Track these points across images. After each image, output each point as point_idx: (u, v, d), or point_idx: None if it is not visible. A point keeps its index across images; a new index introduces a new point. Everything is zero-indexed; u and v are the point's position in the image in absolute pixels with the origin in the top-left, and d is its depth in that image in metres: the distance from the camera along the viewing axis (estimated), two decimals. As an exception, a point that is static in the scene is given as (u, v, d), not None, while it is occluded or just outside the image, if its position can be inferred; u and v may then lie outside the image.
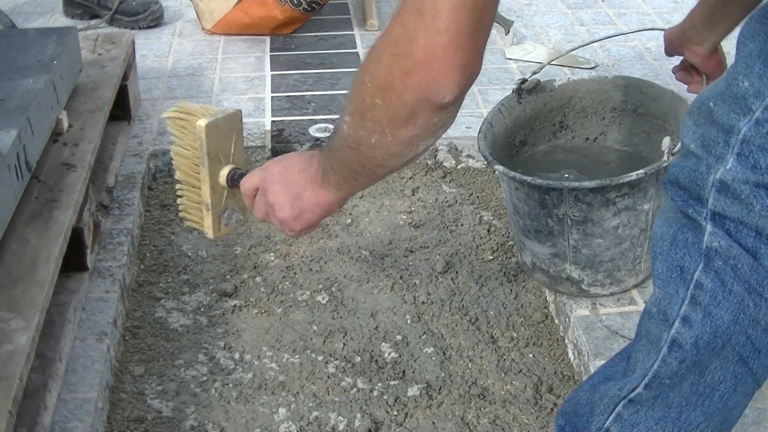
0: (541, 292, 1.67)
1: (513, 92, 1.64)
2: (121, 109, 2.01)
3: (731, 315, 0.85)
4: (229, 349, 1.55)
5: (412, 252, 1.79)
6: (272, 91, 2.27)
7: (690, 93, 1.52)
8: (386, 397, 1.45)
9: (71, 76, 1.81)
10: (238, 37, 2.58)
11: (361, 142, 1.01)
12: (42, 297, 1.30)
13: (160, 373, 1.50)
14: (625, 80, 1.68)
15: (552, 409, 1.43)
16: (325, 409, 1.43)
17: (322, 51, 2.51)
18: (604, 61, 2.39)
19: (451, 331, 1.59)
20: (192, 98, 2.23)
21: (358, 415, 1.42)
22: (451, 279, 1.71)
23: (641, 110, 1.64)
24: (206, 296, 1.67)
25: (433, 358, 1.53)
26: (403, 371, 1.51)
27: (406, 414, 1.42)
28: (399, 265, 1.75)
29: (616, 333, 1.48)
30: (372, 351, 1.54)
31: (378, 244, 1.81)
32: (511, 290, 1.68)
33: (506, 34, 2.50)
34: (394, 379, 1.49)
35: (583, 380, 1.44)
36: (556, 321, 1.60)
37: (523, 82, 1.64)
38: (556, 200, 1.44)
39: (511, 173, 1.45)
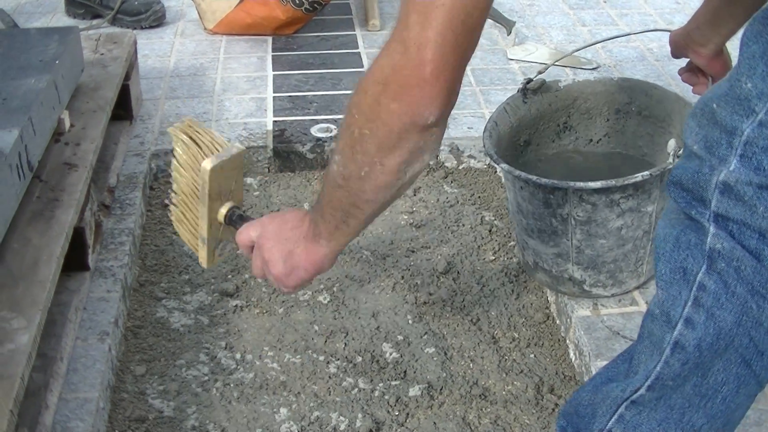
0: (543, 292, 1.67)
1: (518, 92, 1.64)
2: (123, 109, 2.01)
3: (734, 317, 0.85)
4: (230, 349, 1.55)
5: (413, 252, 1.79)
6: (274, 91, 2.27)
7: (695, 94, 1.51)
8: (387, 397, 1.45)
9: (73, 76, 1.81)
10: (240, 37, 2.58)
11: (351, 177, 1.04)
12: (43, 296, 1.30)
13: (162, 372, 1.50)
14: (630, 82, 1.67)
15: (553, 410, 1.43)
16: (327, 409, 1.43)
17: (324, 51, 2.51)
18: (606, 62, 2.39)
19: (453, 331, 1.59)
20: (194, 98, 2.23)
21: (360, 415, 1.42)
22: (453, 279, 1.71)
23: (646, 112, 1.64)
24: (207, 296, 1.67)
25: (435, 359, 1.53)
26: (405, 371, 1.50)
27: (408, 414, 1.42)
28: (400, 265, 1.75)
29: (618, 333, 1.47)
30: (373, 351, 1.54)
31: (379, 244, 1.81)
32: (513, 291, 1.68)
33: (508, 35, 2.50)
34: (396, 379, 1.49)
35: (585, 381, 1.44)
36: (558, 321, 1.60)
37: (529, 81, 1.63)
38: (561, 200, 1.44)
39: (516, 172, 1.45)
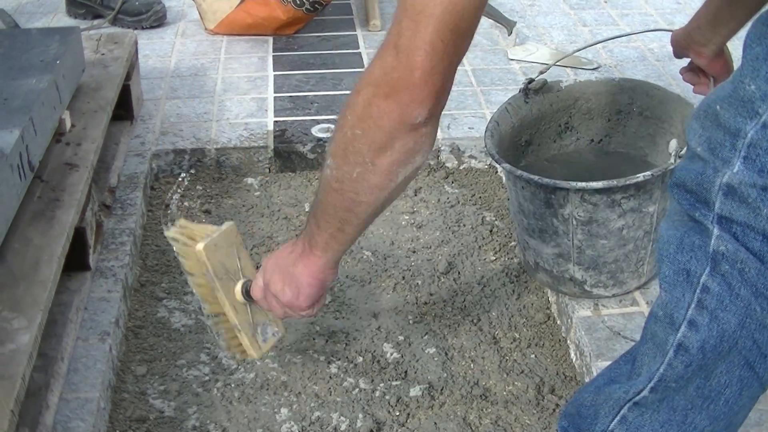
0: (544, 292, 1.67)
1: (520, 92, 1.64)
2: (124, 109, 2.01)
3: (738, 319, 0.85)
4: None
5: (414, 252, 1.79)
6: (275, 92, 2.27)
7: (696, 94, 1.51)
8: (388, 397, 1.45)
9: (74, 76, 1.80)
10: (241, 38, 2.57)
11: (344, 179, 1.08)
12: (44, 296, 1.30)
13: (162, 372, 1.50)
14: (631, 83, 1.67)
15: (554, 410, 1.43)
16: (327, 410, 1.43)
17: (325, 51, 2.51)
18: (607, 62, 2.39)
19: (453, 331, 1.59)
20: (194, 98, 2.23)
21: (360, 416, 1.42)
22: (454, 279, 1.71)
23: (647, 113, 1.64)
24: (208, 296, 1.67)
25: (435, 359, 1.53)
26: (405, 371, 1.50)
27: (408, 414, 1.42)
28: (401, 265, 1.75)
29: (618, 334, 1.47)
30: (374, 351, 1.54)
31: (380, 245, 1.81)
32: (514, 291, 1.68)
33: (509, 35, 2.50)
34: (396, 380, 1.49)
35: (585, 381, 1.44)
36: (558, 322, 1.60)
37: (531, 81, 1.63)
38: (562, 200, 1.44)
39: (518, 172, 1.45)
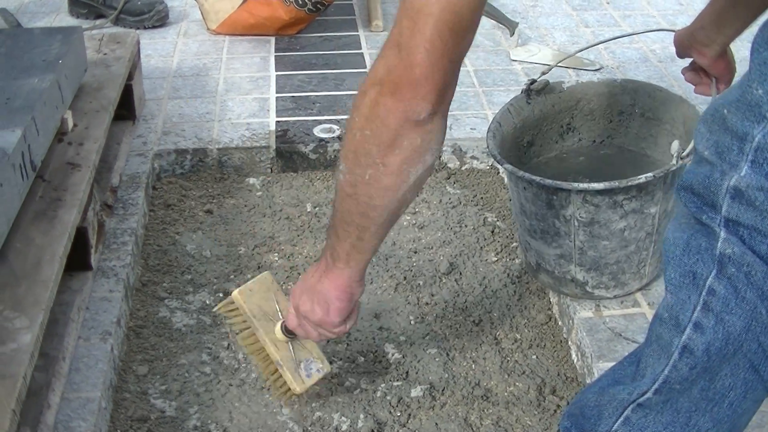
0: (545, 293, 1.67)
1: (522, 92, 1.64)
2: (126, 109, 2.01)
3: (743, 322, 0.85)
4: (232, 349, 1.55)
5: (416, 253, 1.79)
6: (277, 92, 2.27)
7: (697, 94, 1.51)
8: (389, 397, 1.45)
9: (76, 76, 1.80)
10: (243, 38, 2.57)
11: (358, 183, 1.10)
12: (46, 296, 1.30)
13: (164, 372, 1.50)
14: (633, 84, 1.67)
15: (555, 411, 1.43)
16: (329, 410, 1.43)
17: (327, 51, 2.51)
18: (609, 63, 2.39)
19: (455, 332, 1.59)
20: (196, 98, 2.23)
21: (362, 416, 1.42)
22: (455, 280, 1.71)
23: (649, 114, 1.64)
24: (210, 296, 1.67)
25: (437, 359, 1.53)
26: (407, 372, 1.50)
27: (409, 415, 1.42)
28: (403, 265, 1.75)
29: (620, 335, 1.47)
30: (375, 351, 1.54)
31: (382, 245, 1.80)
32: (515, 292, 1.68)
33: (511, 36, 2.50)
34: (398, 380, 1.49)
35: (587, 382, 1.44)
36: (560, 323, 1.60)
37: (533, 82, 1.63)
38: (564, 201, 1.44)
39: (520, 172, 1.44)
